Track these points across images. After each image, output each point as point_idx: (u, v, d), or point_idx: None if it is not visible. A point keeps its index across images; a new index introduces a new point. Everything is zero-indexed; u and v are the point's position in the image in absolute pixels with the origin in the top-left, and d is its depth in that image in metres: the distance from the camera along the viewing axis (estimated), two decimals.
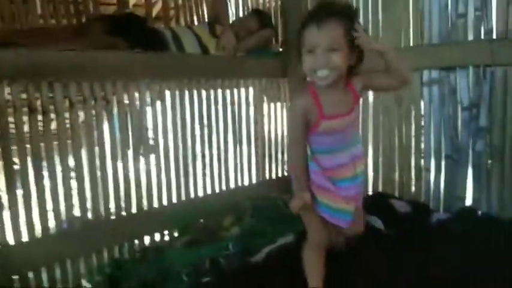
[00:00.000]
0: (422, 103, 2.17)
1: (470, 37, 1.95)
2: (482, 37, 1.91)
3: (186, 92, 2.20)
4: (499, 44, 1.82)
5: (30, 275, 1.71)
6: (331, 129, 1.27)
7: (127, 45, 2.01)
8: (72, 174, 1.84)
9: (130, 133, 2.02)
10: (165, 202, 2.12)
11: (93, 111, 1.87)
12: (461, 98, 2.01)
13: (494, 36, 1.86)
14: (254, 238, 1.83)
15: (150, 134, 2.16)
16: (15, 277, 1.68)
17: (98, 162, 1.88)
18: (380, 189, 2.34)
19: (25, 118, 1.70)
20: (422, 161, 2.20)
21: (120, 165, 1.97)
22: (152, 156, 2.12)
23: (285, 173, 2.74)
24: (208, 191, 2.32)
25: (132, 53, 1.93)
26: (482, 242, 1.60)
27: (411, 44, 2.16)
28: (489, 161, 1.96)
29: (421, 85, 2.14)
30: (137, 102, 2.01)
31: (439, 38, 2.04)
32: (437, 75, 2.07)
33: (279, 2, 2.83)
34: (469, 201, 2.07)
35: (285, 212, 2.12)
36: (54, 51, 1.69)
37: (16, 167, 1.70)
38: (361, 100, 1.36)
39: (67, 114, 1.80)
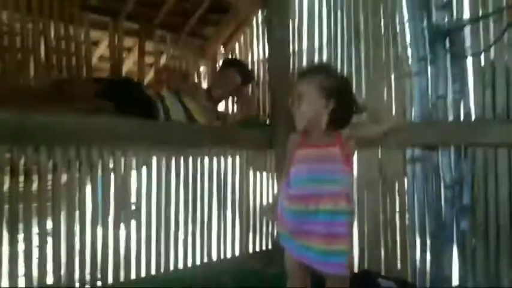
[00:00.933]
0: (405, 180, 2.20)
1: (451, 118, 2.04)
2: (461, 118, 2.00)
3: (173, 159, 2.19)
4: (477, 126, 1.91)
5: None
6: (305, 156, 1.41)
7: (115, 110, 2.04)
8: (49, 238, 1.75)
9: (112, 198, 1.96)
10: (143, 274, 2.02)
11: (77, 175, 1.83)
12: (444, 176, 2.05)
13: (473, 118, 1.95)
14: None
15: (133, 199, 2.10)
16: None
17: (77, 227, 1.81)
18: (366, 266, 2.29)
19: (6, 178, 1.64)
20: (407, 238, 2.19)
21: (99, 231, 1.90)
22: (133, 224, 2.04)
23: (269, 246, 2.67)
24: (189, 263, 2.23)
25: (119, 120, 1.94)
26: None
27: None
28: (473, 240, 1.97)
29: (404, 162, 2.20)
30: (122, 167, 1.98)
31: (421, 118, 2.12)
32: (420, 153, 2.13)
33: (267, 77, 2.95)
34: (455, 280, 2.03)
35: (268, 286, 2.04)
36: (42, 115, 1.68)
37: None
38: (350, 154, 1.46)
39: (49, 177, 1.76)
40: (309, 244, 1.35)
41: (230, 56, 3.35)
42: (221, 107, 2.85)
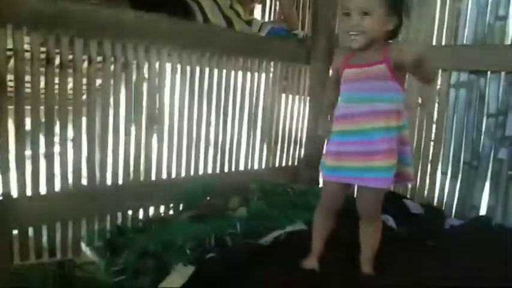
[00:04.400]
0: (447, 106, 2.11)
1: (508, 42, 1.89)
2: None
3: (207, 69, 2.14)
4: None
5: (30, 231, 1.67)
6: (354, 75, 1.32)
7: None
8: (84, 137, 1.78)
9: (145, 101, 1.96)
10: (173, 175, 2.07)
11: (111, 79, 1.82)
12: (489, 104, 1.95)
13: None
14: (262, 221, 1.77)
15: (167, 105, 2.09)
16: (15, 231, 1.64)
17: (111, 126, 1.83)
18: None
19: (42, 70, 1.64)
20: (439, 165, 2.15)
21: (132, 132, 1.92)
22: (165, 129, 2.06)
23: (295, 163, 2.69)
24: (217, 170, 2.27)
25: (156, 17, 1.87)
26: (498, 251, 1.55)
27: (443, 43, 2.10)
28: (509, 172, 1.91)
29: (448, 87, 2.09)
30: (157, 71, 1.95)
31: (474, 40, 1.98)
32: (467, 78, 2.01)
33: None
34: (483, 210, 2.02)
35: (294, 199, 2.07)
36: (79, 3, 1.63)
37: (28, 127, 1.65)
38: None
39: (85, 72, 1.75)
40: (354, 163, 1.30)
41: None
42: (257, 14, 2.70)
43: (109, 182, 1.87)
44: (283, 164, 2.64)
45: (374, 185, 1.31)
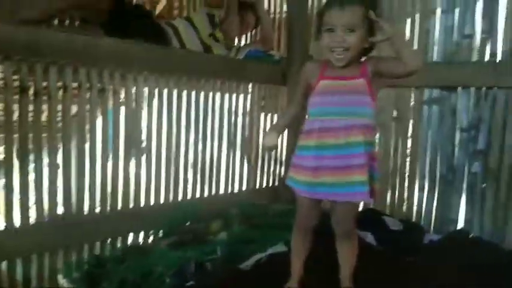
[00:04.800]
0: (420, 121, 2.16)
1: (475, 58, 1.96)
2: (486, 59, 1.91)
3: (185, 92, 2.14)
4: (503, 67, 1.83)
5: (4, 265, 1.62)
6: (331, 88, 1.32)
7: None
8: (60, 164, 1.75)
9: (123, 127, 1.95)
10: (151, 202, 2.05)
11: (87, 105, 1.80)
12: (461, 119, 2.00)
13: (498, 59, 1.87)
14: (243, 245, 1.76)
15: (144, 131, 2.08)
16: None
17: (87, 153, 1.81)
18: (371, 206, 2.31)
19: (16, 98, 1.62)
20: (416, 180, 2.18)
21: (110, 158, 1.90)
22: (143, 155, 2.04)
23: (276, 183, 2.69)
24: (197, 195, 2.25)
25: (132, 43, 1.88)
26: (474, 266, 1.57)
27: None
28: (483, 184, 1.95)
29: (421, 103, 2.14)
30: (133, 97, 1.95)
31: (443, 57, 2.04)
32: (438, 94, 2.07)
33: (284, 10, 2.83)
34: (460, 224, 2.05)
35: (275, 221, 2.07)
36: (54, 31, 1.62)
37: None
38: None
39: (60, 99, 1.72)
40: (332, 178, 1.29)
41: None
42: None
43: (86, 210, 1.84)
44: (264, 184, 2.64)
45: (355, 199, 1.32)
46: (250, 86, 2.48)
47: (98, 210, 1.87)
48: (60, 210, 1.77)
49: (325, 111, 1.32)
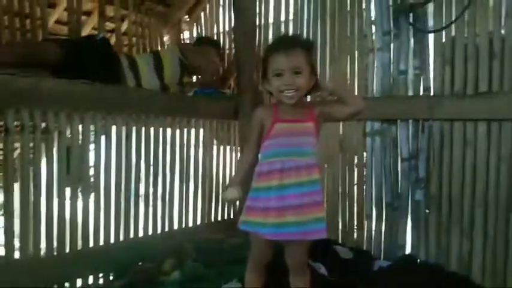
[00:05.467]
0: (364, 153, 2.26)
1: (410, 93, 2.10)
2: (421, 93, 2.06)
3: (134, 128, 2.13)
4: (436, 100, 1.97)
5: None
6: (283, 131, 1.38)
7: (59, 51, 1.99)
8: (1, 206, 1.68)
9: (69, 168, 1.90)
10: (101, 242, 1.99)
11: (31, 144, 1.75)
12: (401, 149, 2.12)
13: (432, 93, 2.01)
14: (196, 284, 1.74)
15: (92, 170, 2.04)
16: None
17: (31, 196, 1.74)
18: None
19: None
20: (364, 209, 2.26)
21: (55, 200, 1.84)
22: (91, 194, 1.99)
23: (231, 216, 2.69)
24: (150, 232, 2.21)
25: (78, 82, 1.86)
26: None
27: None
28: (427, 210, 2.06)
29: (364, 135, 2.25)
30: (80, 136, 1.92)
31: (382, 92, 2.17)
32: (380, 126, 2.18)
33: (233, 48, 2.91)
34: (408, 249, 2.13)
35: (230, 256, 2.06)
36: None
37: None
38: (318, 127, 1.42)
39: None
40: (289, 218, 1.32)
41: (201, 31, 3.28)
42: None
43: (30, 254, 1.74)
44: (219, 218, 2.63)
45: (322, 236, 1.36)
46: (201, 121, 2.50)
47: (43, 253, 1.79)
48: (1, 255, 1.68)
49: (282, 152, 1.36)
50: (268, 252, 1.43)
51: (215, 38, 3.15)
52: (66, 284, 1.86)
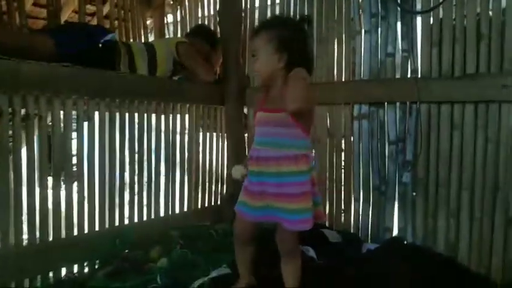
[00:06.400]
0: (352, 136, 2.25)
1: (398, 75, 2.09)
2: (408, 75, 2.05)
3: (117, 114, 2.08)
4: (423, 83, 1.96)
5: None
6: (258, 120, 1.41)
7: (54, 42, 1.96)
8: None
9: (51, 155, 1.84)
10: (86, 230, 1.94)
11: (10, 130, 1.69)
12: (389, 132, 2.12)
13: (419, 75, 2.00)
14: (184, 270, 1.72)
15: (74, 157, 1.98)
16: None
17: (11, 182, 1.68)
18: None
19: None
20: (352, 192, 2.26)
21: (37, 187, 1.78)
22: (74, 182, 1.94)
23: (218, 202, 2.67)
24: (136, 219, 2.17)
25: (59, 66, 1.80)
26: (409, 272, 1.64)
27: (343, 79, 2.27)
28: (414, 193, 2.06)
29: (352, 119, 2.23)
30: (61, 123, 1.86)
31: (369, 75, 2.15)
32: (367, 110, 2.17)
33: (218, 31, 2.85)
34: (395, 231, 2.14)
35: (218, 242, 2.04)
36: None
37: None
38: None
39: None
40: (276, 204, 1.34)
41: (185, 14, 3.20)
42: None
43: (12, 244, 1.69)
44: (206, 204, 2.61)
45: (291, 227, 1.34)
46: (187, 106, 2.46)
47: (25, 243, 1.74)
48: None
49: (261, 141, 1.39)
50: (247, 229, 1.46)
51: (199, 21, 3.09)
52: (50, 274, 1.81)
